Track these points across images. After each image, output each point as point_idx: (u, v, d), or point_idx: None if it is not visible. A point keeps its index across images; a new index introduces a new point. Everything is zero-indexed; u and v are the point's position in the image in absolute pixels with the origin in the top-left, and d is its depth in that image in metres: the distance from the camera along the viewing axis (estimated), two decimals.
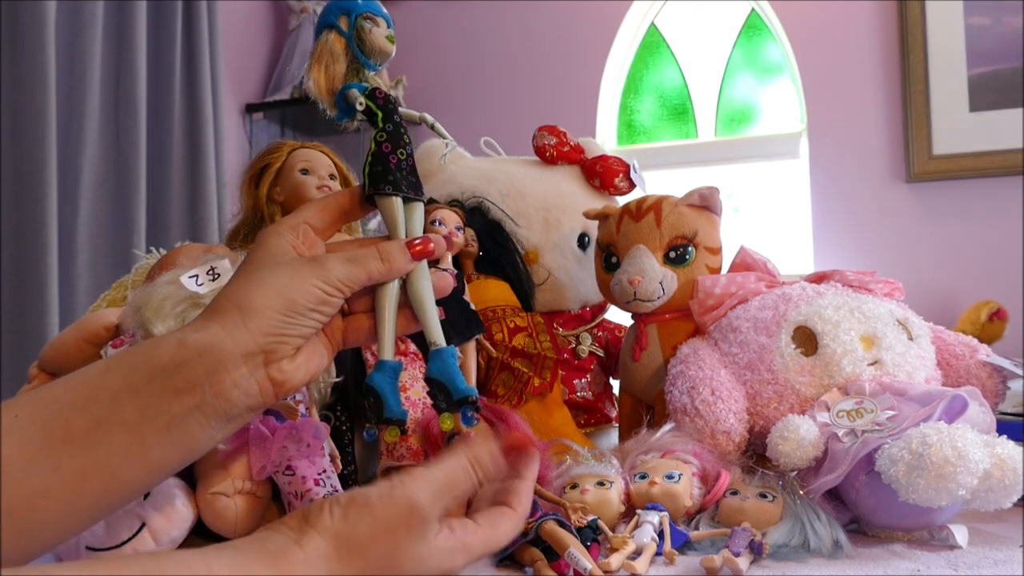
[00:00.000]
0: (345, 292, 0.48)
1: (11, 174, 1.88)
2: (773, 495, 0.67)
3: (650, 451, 0.75)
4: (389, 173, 0.52)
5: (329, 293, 0.47)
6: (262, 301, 0.46)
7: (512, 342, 0.93)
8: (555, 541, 0.59)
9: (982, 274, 2.26)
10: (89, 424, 0.42)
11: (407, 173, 0.53)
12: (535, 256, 1.06)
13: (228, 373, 0.45)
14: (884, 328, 0.76)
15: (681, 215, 0.90)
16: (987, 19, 2.31)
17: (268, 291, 0.46)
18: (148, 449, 0.44)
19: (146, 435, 0.43)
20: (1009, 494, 0.60)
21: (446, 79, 2.84)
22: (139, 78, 2.21)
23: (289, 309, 0.46)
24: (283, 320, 0.46)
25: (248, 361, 0.45)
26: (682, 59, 2.77)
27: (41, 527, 0.41)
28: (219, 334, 0.45)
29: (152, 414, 0.44)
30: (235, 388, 0.45)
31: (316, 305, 0.47)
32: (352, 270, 0.48)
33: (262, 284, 0.46)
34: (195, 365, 0.44)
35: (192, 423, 0.45)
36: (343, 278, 0.48)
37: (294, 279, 0.47)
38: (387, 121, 0.54)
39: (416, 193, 0.53)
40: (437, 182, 1.14)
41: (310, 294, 0.46)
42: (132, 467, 0.43)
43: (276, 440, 0.68)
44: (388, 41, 0.55)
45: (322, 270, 0.47)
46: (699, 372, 0.79)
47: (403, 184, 0.52)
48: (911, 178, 2.35)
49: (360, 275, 0.49)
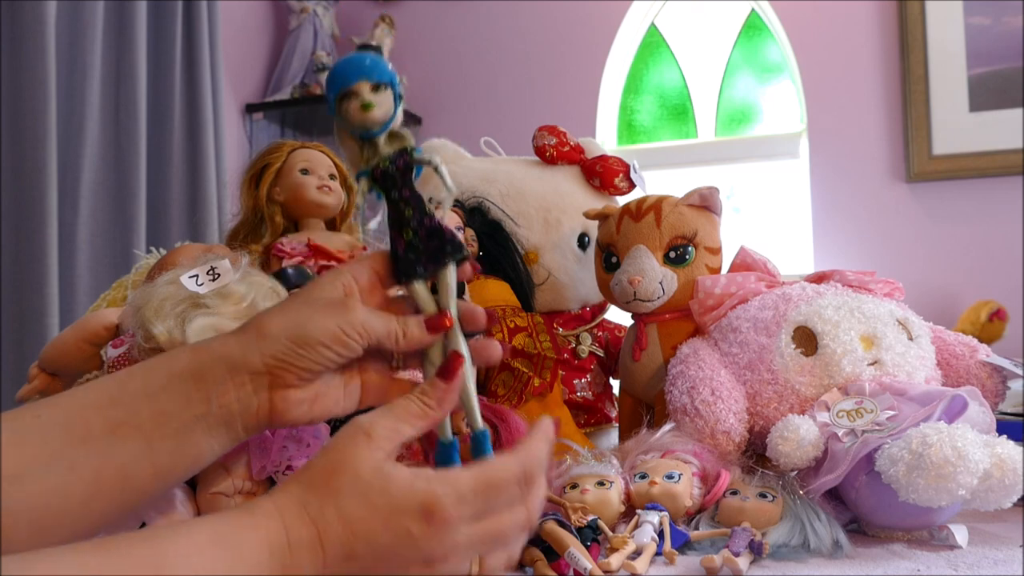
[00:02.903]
0: (362, 339, 0.48)
1: (11, 174, 1.88)
2: (773, 495, 0.67)
3: (650, 451, 0.75)
4: (399, 261, 0.51)
5: (346, 333, 0.48)
6: (279, 327, 0.47)
7: (512, 342, 0.93)
8: (555, 541, 0.59)
9: (982, 274, 2.26)
10: (107, 426, 0.44)
11: (422, 247, 0.51)
12: (535, 256, 1.06)
13: (234, 386, 0.46)
14: (884, 328, 0.76)
15: (681, 215, 0.90)
16: (987, 19, 2.31)
17: (288, 319, 0.48)
18: (157, 455, 0.45)
19: (157, 440, 0.45)
20: (1009, 494, 0.60)
21: (446, 79, 2.84)
22: (139, 78, 2.21)
23: (300, 339, 0.47)
24: (292, 348, 0.47)
25: (254, 379, 0.47)
26: (682, 59, 2.77)
27: (56, 527, 0.43)
28: (233, 348, 0.47)
29: (164, 420, 0.45)
30: (238, 402, 0.47)
31: (329, 342, 0.47)
32: (373, 320, 0.49)
33: (287, 311, 0.49)
34: (207, 374, 0.46)
35: (198, 432, 0.46)
36: (363, 324, 0.48)
37: (315, 313, 0.48)
38: (388, 199, 0.52)
39: (436, 261, 0.51)
40: (437, 182, 1.13)
41: (325, 330, 0.47)
42: (142, 472, 0.45)
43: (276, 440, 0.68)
44: (363, 111, 0.50)
45: (345, 311, 0.48)
46: (699, 372, 0.79)
47: (417, 265, 0.51)
48: (911, 178, 2.35)
49: (379, 327, 0.49)
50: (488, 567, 0.44)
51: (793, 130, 2.63)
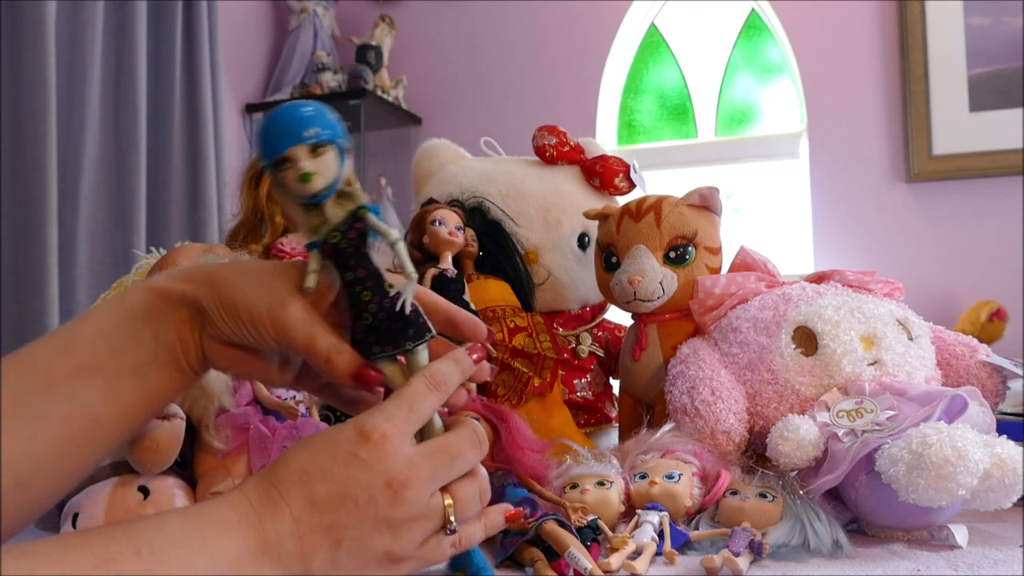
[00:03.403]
0: (276, 342, 0.46)
1: (11, 174, 1.88)
2: (773, 495, 0.67)
3: (650, 451, 0.75)
4: (357, 344, 0.46)
5: (272, 316, 0.45)
6: (218, 282, 0.47)
7: (512, 342, 0.93)
8: (555, 541, 0.59)
9: (982, 274, 2.26)
10: (68, 370, 0.44)
11: (384, 329, 0.46)
12: (535, 256, 1.06)
13: (175, 323, 0.47)
14: (884, 328, 0.76)
15: (681, 215, 0.90)
16: (987, 19, 2.31)
17: (228, 280, 0.47)
18: (121, 395, 0.45)
19: (118, 380, 0.45)
20: (1009, 494, 0.60)
21: (446, 79, 2.84)
22: (139, 78, 2.21)
23: (226, 304, 0.46)
24: (216, 307, 0.46)
25: (191, 320, 0.47)
26: (682, 59, 2.77)
27: (36, 478, 0.43)
28: (177, 286, 0.47)
29: (122, 359, 0.45)
30: (179, 340, 0.47)
31: (248, 317, 0.46)
32: (299, 330, 0.45)
33: (233, 267, 0.48)
34: (153, 309, 0.46)
35: (153, 370, 0.46)
36: (292, 329, 0.45)
37: (255, 282, 0.46)
38: (343, 280, 0.46)
39: (399, 346, 0.46)
40: (437, 182, 1.14)
41: (251, 306, 0.46)
42: (110, 412, 0.45)
43: (276, 440, 0.68)
44: (302, 183, 0.44)
45: (280, 296, 0.46)
46: (699, 372, 0.79)
47: (376, 346, 0.46)
48: (911, 178, 2.35)
49: (301, 338, 0.45)
50: (460, 498, 0.44)
51: (793, 130, 2.63)
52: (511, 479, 0.69)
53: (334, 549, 0.40)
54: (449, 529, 0.44)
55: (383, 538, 0.41)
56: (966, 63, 2.32)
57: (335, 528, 0.40)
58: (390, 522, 0.41)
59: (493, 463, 0.70)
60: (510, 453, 0.70)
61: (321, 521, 0.40)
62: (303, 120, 0.44)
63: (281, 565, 0.39)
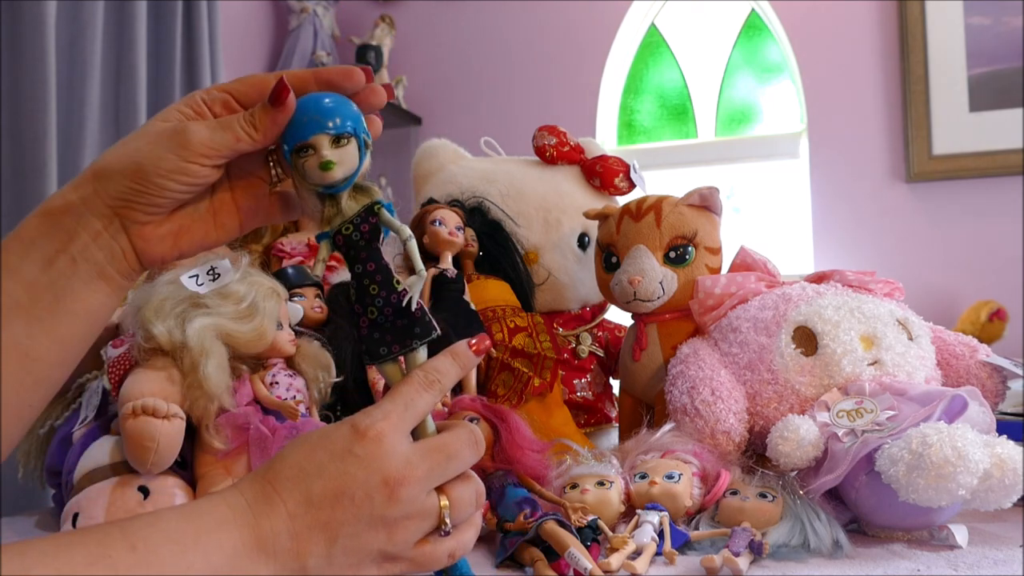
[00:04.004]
0: (210, 159, 0.45)
1: (11, 174, 1.88)
2: (773, 495, 0.67)
3: (650, 451, 0.75)
4: (362, 340, 0.47)
5: (188, 160, 0.45)
6: (113, 166, 0.45)
7: (512, 342, 0.93)
8: (555, 541, 0.59)
9: (982, 274, 2.26)
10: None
11: (389, 326, 0.46)
12: (535, 256, 1.06)
13: (88, 235, 0.45)
14: (884, 328, 0.76)
15: (681, 215, 0.90)
16: (987, 19, 2.31)
17: (121, 154, 0.46)
18: (50, 325, 0.45)
19: (41, 311, 0.44)
20: (1009, 494, 0.60)
21: (446, 79, 2.84)
22: (139, 78, 2.21)
23: (138, 175, 0.45)
24: (131, 186, 0.45)
25: (105, 223, 0.45)
26: (682, 59, 2.77)
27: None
28: (72, 197, 0.45)
29: (38, 289, 0.44)
30: (99, 250, 0.45)
31: (169, 173, 0.45)
32: (217, 135, 0.45)
33: (122, 147, 0.46)
34: (57, 231, 0.45)
35: (77, 289, 0.45)
36: (206, 144, 0.45)
37: (148, 145, 0.45)
38: (352, 271, 0.47)
39: (404, 344, 0.46)
40: (437, 182, 1.14)
41: (162, 161, 0.45)
42: (40, 344, 0.44)
43: (276, 440, 0.68)
44: (322, 170, 0.44)
45: (181, 137, 0.45)
46: (699, 372, 0.79)
47: (382, 346, 0.46)
48: (911, 178, 2.35)
49: (226, 139, 0.45)
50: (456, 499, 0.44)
51: (793, 130, 2.63)
52: (511, 479, 0.69)
53: (329, 546, 0.40)
54: (444, 530, 0.44)
55: (378, 536, 0.41)
56: (966, 63, 2.32)
57: (330, 525, 0.40)
58: (385, 520, 0.41)
59: (493, 463, 0.70)
60: (510, 453, 0.70)
61: (317, 518, 0.40)
62: (329, 110, 0.45)
63: (276, 562, 0.39)
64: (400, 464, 0.42)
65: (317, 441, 0.42)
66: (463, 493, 0.45)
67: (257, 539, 0.39)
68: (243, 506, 0.40)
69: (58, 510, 0.74)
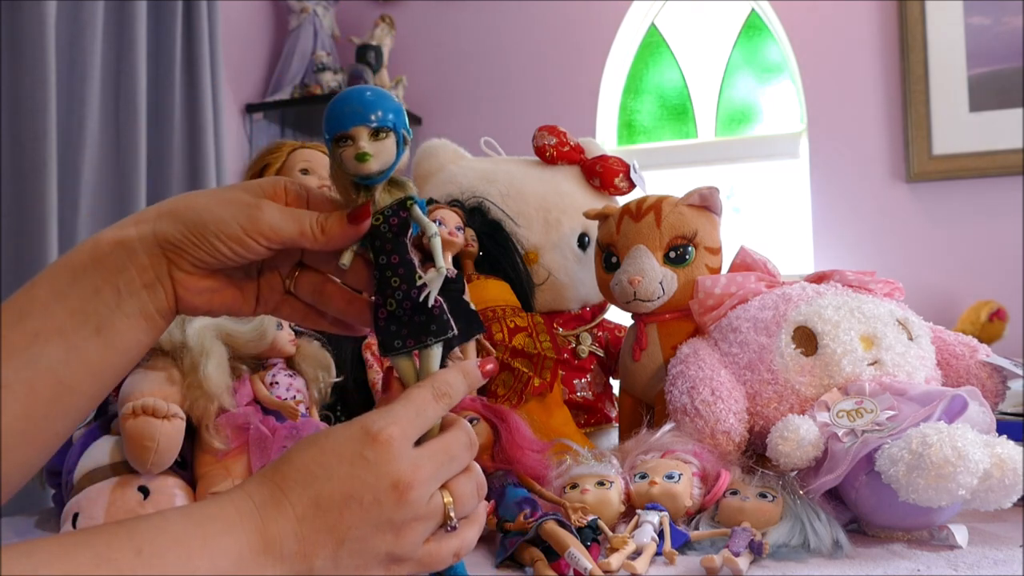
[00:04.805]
0: (268, 241, 0.46)
1: (11, 174, 1.88)
2: (773, 495, 0.67)
3: (650, 451, 0.75)
4: (378, 332, 0.47)
5: (248, 234, 0.45)
6: (179, 212, 0.46)
7: (512, 342, 0.93)
8: (555, 541, 0.59)
9: (982, 274, 2.26)
10: (25, 338, 0.43)
11: (406, 320, 0.47)
12: (535, 256, 1.06)
13: (136, 271, 0.45)
14: (884, 328, 0.76)
15: (681, 215, 0.90)
16: (987, 19, 2.31)
17: (190, 205, 0.46)
18: (85, 354, 0.44)
19: (80, 339, 0.44)
20: (1009, 494, 0.60)
21: (446, 79, 2.84)
22: (139, 78, 2.21)
23: (197, 229, 0.45)
24: (188, 236, 0.45)
25: (154, 262, 0.46)
26: (682, 59, 2.77)
27: (6, 448, 0.42)
28: (130, 231, 0.46)
29: (82, 318, 0.44)
30: (145, 288, 0.46)
31: (227, 239, 0.45)
32: (284, 222, 0.46)
33: (191, 198, 0.47)
34: (108, 263, 0.45)
35: (118, 323, 0.45)
36: (273, 227, 0.46)
37: (219, 205, 0.46)
38: (376, 262, 0.47)
39: (419, 340, 0.47)
40: (437, 182, 1.14)
41: (225, 226, 0.45)
42: (75, 374, 0.44)
43: (276, 440, 0.68)
44: (357, 161, 0.45)
45: (253, 211, 0.46)
46: (699, 372, 0.79)
47: (397, 339, 0.47)
48: (911, 178, 2.35)
49: (290, 227, 0.46)
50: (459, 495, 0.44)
51: (793, 130, 2.63)
52: (511, 479, 0.69)
53: (336, 549, 0.40)
54: (450, 526, 0.44)
55: (385, 539, 0.41)
56: (966, 63, 2.32)
57: (338, 528, 0.40)
58: (393, 523, 0.41)
59: (493, 463, 0.70)
60: (510, 453, 0.70)
61: (325, 521, 0.40)
62: (371, 103, 0.45)
63: (283, 564, 0.39)
64: (408, 468, 0.42)
65: (325, 443, 0.42)
66: (465, 487, 0.45)
67: (264, 542, 0.39)
68: (251, 509, 0.40)
69: (58, 510, 0.74)
